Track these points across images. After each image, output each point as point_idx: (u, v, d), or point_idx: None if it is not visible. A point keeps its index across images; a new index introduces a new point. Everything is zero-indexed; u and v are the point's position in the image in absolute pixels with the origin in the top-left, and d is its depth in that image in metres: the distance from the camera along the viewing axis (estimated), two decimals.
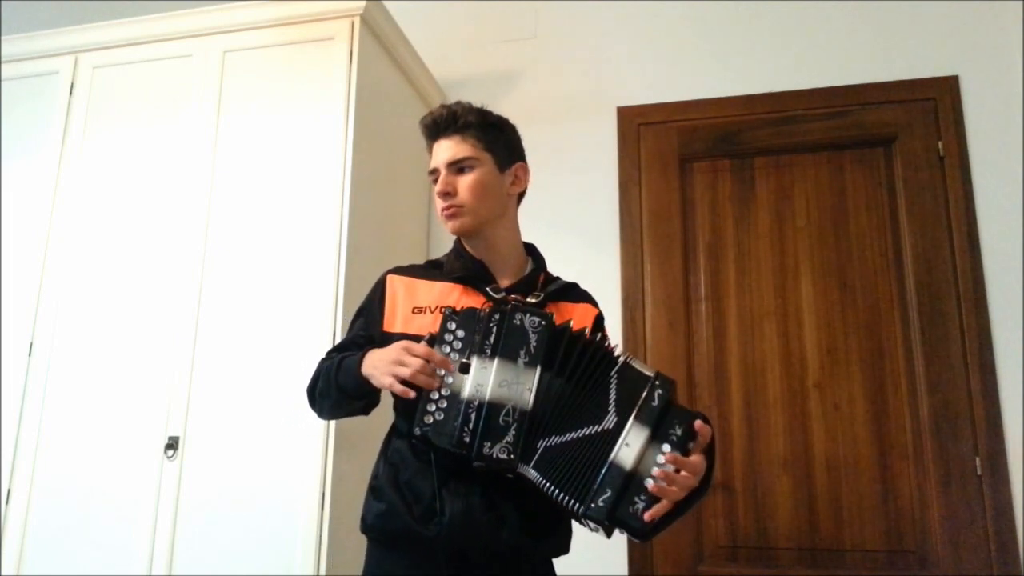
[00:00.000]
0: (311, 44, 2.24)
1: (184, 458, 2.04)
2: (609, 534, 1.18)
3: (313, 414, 1.43)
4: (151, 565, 1.98)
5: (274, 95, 2.24)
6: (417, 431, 1.20)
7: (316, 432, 1.95)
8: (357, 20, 2.21)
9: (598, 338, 1.26)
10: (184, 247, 2.19)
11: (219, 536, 1.97)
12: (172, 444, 2.05)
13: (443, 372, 1.21)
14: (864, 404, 2.24)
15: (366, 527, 1.31)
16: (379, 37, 2.33)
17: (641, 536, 1.17)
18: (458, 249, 1.43)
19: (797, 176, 2.43)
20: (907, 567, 2.13)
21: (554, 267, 1.50)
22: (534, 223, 2.57)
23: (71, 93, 2.43)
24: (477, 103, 1.46)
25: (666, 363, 2.36)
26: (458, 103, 1.43)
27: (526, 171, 1.47)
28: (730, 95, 2.52)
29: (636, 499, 1.15)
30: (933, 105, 2.37)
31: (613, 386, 1.21)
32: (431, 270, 1.42)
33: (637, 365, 1.22)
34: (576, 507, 1.16)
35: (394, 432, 1.36)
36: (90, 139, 2.38)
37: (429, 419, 1.19)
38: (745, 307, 2.38)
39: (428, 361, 1.19)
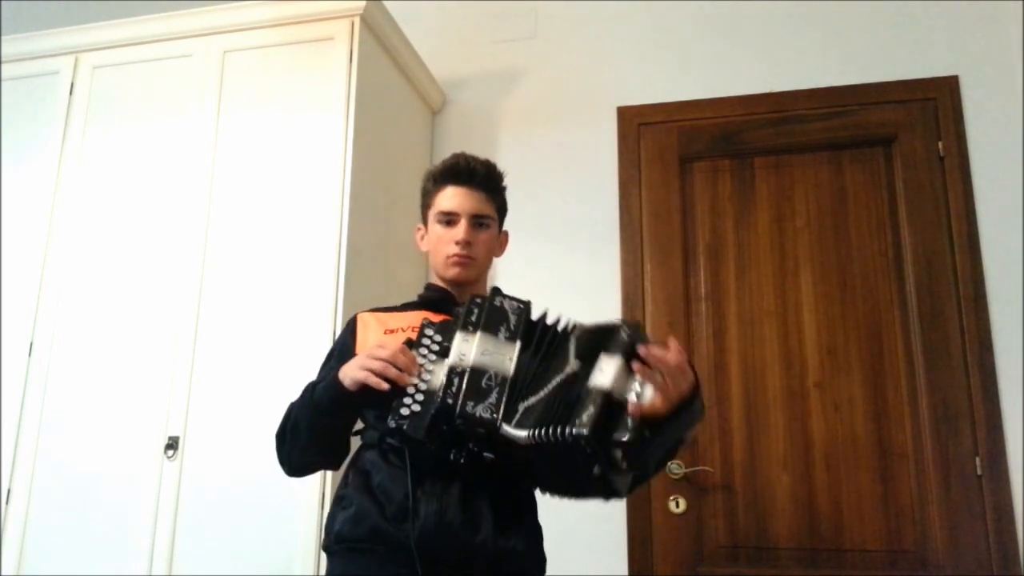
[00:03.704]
0: (311, 44, 2.24)
1: (184, 458, 2.04)
2: (611, 464, 1.12)
3: (277, 456, 1.42)
4: (151, 565, 1.98)
5: (274, 95, 2.24)
6: (392, 423, 1.19)
7: None
8: (357, 20, 2.21)
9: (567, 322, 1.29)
10: (184, 247, 2.19)
11: (219, 536, 1.97)
12: (172, 444, 2.05)
13: (419, 370, 1.23)
14: (864, 404, 2.24)
15: (331, 539, 1.29)
16: (379, 37, 2.33)
17: (635, 451, 1.10)
18: (428, 286, 1.49)
19: (797, 176, 2.43)
20: (907, 567, 2.13)
21: (554, 267, 1.50)
22: (534, 223, 2.58)
23: (71, 93, 2.43)
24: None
25: None
26: (481, 159, 1.46)
27: (507, 237, 1.56)
28: (730, 95, 2.52)
29: (627, 418, 1.11)
30: (933, 105, 2.37)
31: (572, 344, 1.23)
32: (400, 307, 1.48)
33: (591, 325, 1.25)
34: (557, 431, 1.11)
35: (363, 447, 1.36)
36: (90, 139, 2.38)
37: (405, 411, 1.20)
38: (745, 307, 2.37)
39: (401, 352, 1.22)
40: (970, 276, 2.23)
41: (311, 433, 1.34)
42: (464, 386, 1.20)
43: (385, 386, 1.20)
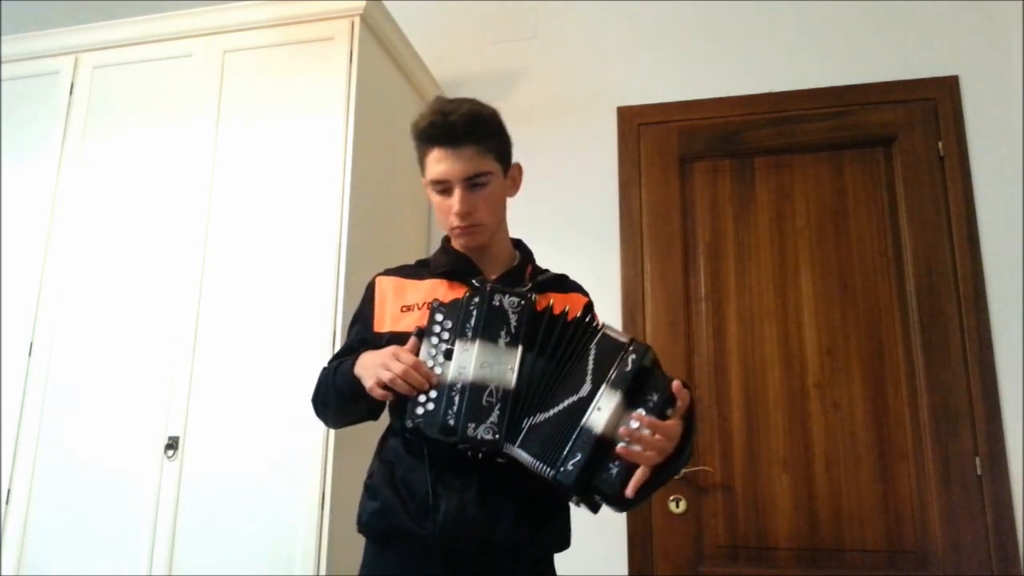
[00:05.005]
0: (311, 44, 2.24)
1: (184, 458, 2.04)
2: (590, 505, 1.17)
3: (316, 417, 1.43)
4: (151, 565, 1.98)
5: (274, 95, 2.24)
6: (409, 423, 1.20)
7: (316, 432, 1.95)
8: (357, 20, 2.21)
9: (580, 316, 1.26)
10: (184, 247, 2.19)
11: (219, 536, 1.97)
12: (172, 444, 2.05)
13: (432, 364, 1.21)
14: (864, 404, 2.24)
15: (361, 526, 1.32)
16: (379, 37, 2.33)
17: (616, 503, 1.15)
18: (445, 246, 1.43)
19: (797, 176, 2.43)
20: (907, 567, 2.13)
21: (554, 267, 1.50)
22: (534, 223, 2.58)
23: (71, 93, 2.43)
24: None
25: (666, 363, 2.34)
26: (464, 105, 1.30)
27: (520, 170, 1.45)
28: (730, 95, 2.52)
29: (610, 465, 1.14)
30: (933, 105, 2.37)
31: (591, 357, 1.21)
32: (420, 269, 1.42)
33: (613, 334, 1.23)
34: (548, 472, 1.15)
35: (389, 432, 1.37)
36: (90, 139, 2.37)
37: (420, 410, 1.19)
38: (745, 307, 2.37)
39: (414, 368, 1.18)
40: (970, 276, 2.23)
41: (340, 411, 1.37)
42: (465, 406, 1.18)
43: (390, 397, 1.20)
